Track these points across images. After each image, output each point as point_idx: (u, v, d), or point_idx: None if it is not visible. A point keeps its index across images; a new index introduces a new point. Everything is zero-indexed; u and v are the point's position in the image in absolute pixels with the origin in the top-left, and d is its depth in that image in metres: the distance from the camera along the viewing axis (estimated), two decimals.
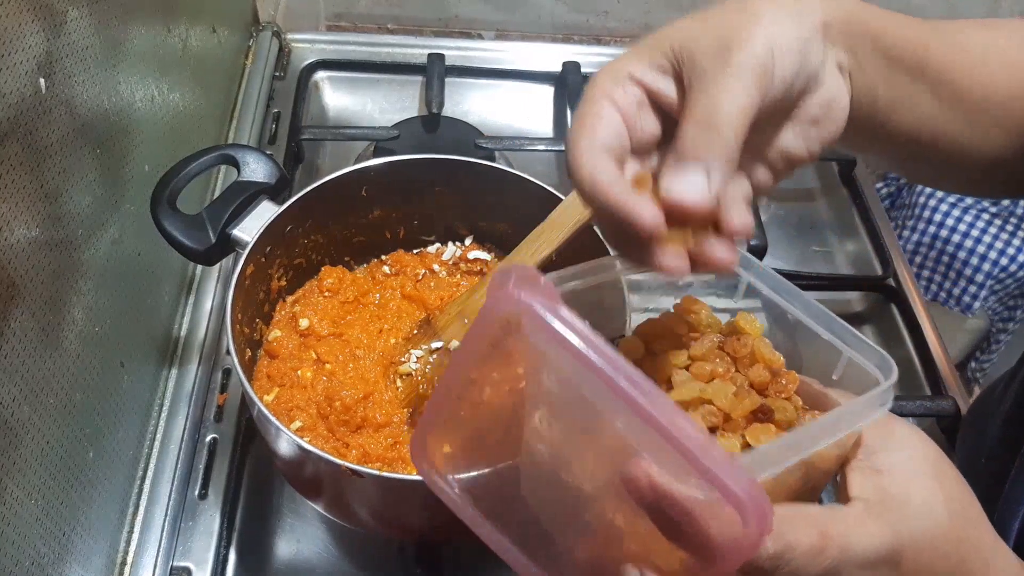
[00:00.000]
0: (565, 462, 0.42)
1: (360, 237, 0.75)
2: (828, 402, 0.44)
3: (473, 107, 1.10)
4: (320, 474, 0.59)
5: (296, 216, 0.69)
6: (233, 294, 0.62)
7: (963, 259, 1.53)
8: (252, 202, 0.68)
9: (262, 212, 0.67)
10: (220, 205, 0.67)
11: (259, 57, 1.08)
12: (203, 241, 0.65)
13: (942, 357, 0.87)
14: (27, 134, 0.51)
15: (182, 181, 0.68)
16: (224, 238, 0.66)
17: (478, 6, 1.39)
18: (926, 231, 1.56)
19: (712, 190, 0.39)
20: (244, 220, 0.67)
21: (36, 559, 0.53)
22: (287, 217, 0.68)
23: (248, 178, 0.69)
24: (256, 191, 0.68)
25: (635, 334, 0.47)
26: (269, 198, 0.69)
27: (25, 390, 0.51)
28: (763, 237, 0.90)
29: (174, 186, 0.67)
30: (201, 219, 0.66)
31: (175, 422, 0.75)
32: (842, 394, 0.44)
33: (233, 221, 0.66)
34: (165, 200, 0.66)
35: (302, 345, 0.70)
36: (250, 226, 0.66)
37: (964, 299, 1.55)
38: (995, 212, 1.54)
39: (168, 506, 0.70)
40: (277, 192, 0.69)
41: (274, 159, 0.70)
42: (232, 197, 0.67)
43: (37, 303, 0.53)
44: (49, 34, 0.54)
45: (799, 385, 0.44)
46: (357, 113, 1.10)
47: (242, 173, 0.69)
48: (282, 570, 0.69)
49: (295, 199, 0.68)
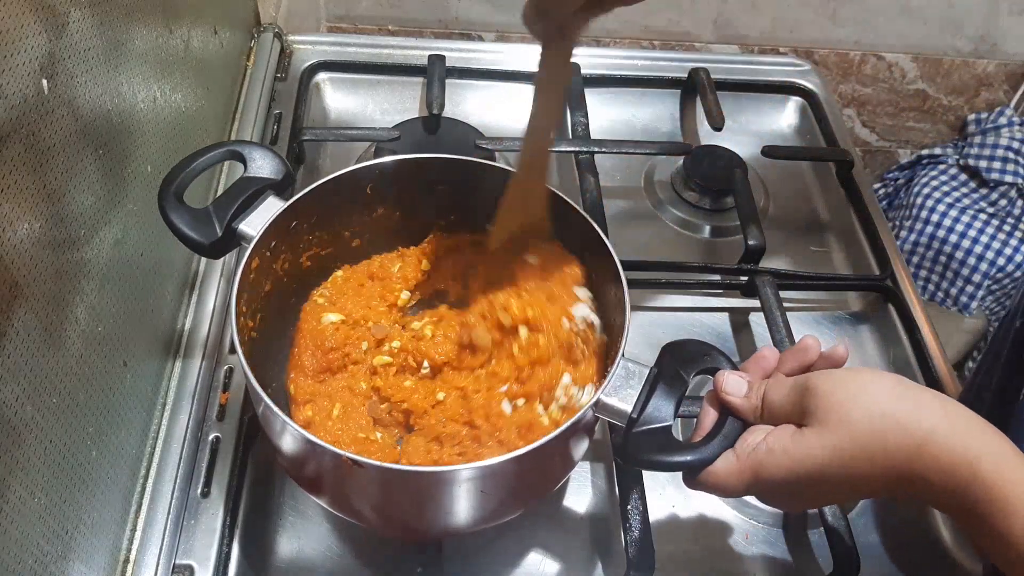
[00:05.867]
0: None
1: (362, 235, 0.75)
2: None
3: (473, 108, 1.10)
4: (323, 468, 0.60)
5: (302, 211, 0.69)
6: (238, 287, 0.62)
7: (960, 259, 1.53)
8: (258, 197, 0.68)
9: (268, 207, 0.67)
10: (226, 200, 0.67)
11: (260, 58, 1.09)
12: (209, 235, 0.66)
13: (939, 357, 0.87)
14: (29, 135, 0.51)
15: (189, 176, 0.68)
16: (230, 232, 0.66)
17: (479, 8, 1.40)
18: (924, 231, 1.56)
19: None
20: (250, 215, 0.67)
21: (39, 557, 0.54)
22: (292, 212, 0.68)
23: (254, 174, 0.69)
24: (262, 187, 0.68)
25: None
26: (275, 193, 0.69)
27: (28, 389, 0.52)
28: (761, 237, 0.91)
29: (181, 181, 0.67)
30: (207, 213, 0.66)
31: (178, 420, 0.75)
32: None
33: (239, 216, 0.67)
34: (172, 194, 0.66)
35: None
36: (256, 220, 0.66)
37: (961, 299, 1.56)
38: (992, 212, 1.55)
39: (171, 504, 0.70)
40: (283, 188, 0.70)
41: (280, 155, 0.71)
42: (238, 192, 0.67)
43: (40, 303, 0.53)
44: (51, 35, 0.54)
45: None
46: (358, 114, 1.11)
47: (248, 169, 0.69)
48: (284, 568, 0.70)
49: (302, 194, 0.68)
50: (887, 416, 0.50)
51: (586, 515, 0.75)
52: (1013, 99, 1.66)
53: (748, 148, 1.06)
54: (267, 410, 0.57)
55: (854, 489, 0.54)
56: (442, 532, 0.70)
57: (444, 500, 0.60)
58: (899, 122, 1.71)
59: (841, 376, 0.53)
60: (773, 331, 0.83)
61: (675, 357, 0.61)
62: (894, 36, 1.57)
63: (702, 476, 0.56)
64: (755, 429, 0.56)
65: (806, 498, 0.56)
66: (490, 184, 0.69)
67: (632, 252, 0.89)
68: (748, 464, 0.54)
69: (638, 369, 0.61)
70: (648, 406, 0.59)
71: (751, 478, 0.54)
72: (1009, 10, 1.54)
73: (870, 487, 0.53)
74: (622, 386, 0.60)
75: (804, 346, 0.59)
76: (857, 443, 0.50)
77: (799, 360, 0.59)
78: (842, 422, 0.51)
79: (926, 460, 0.49)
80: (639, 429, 0.58)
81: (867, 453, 0.50)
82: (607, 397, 0.59)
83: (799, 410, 0.53)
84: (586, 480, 0.77)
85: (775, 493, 0.56)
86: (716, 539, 0.75)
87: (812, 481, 0.52)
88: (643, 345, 0.82)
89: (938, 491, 0.49)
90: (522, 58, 1.14)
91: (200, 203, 0.67)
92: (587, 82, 1.09)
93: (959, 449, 0.48)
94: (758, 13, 1.43)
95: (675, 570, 0.72)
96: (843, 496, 0.61)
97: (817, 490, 0.54)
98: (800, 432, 0.53)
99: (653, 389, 0.60)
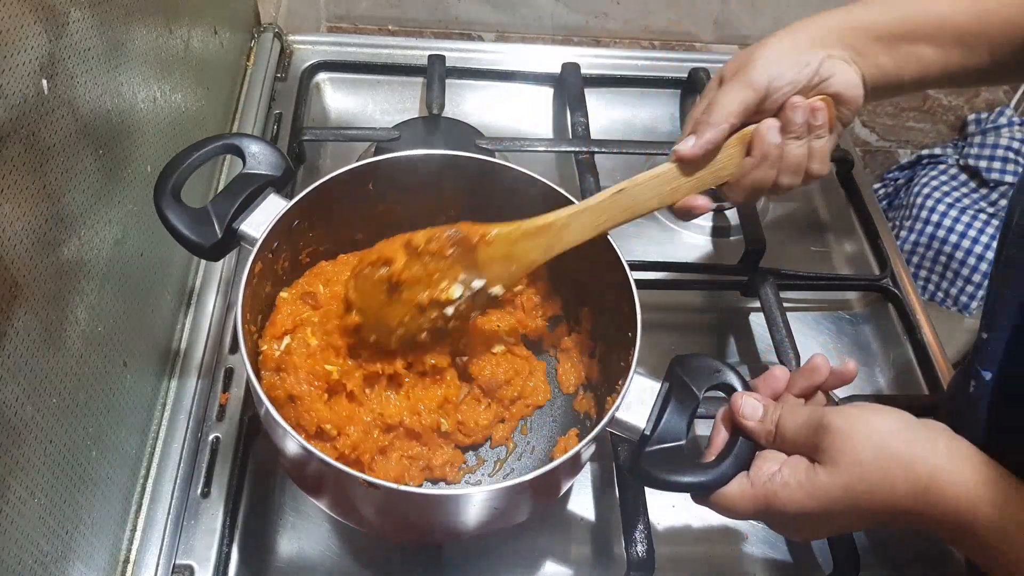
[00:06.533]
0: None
1: (362, 232, 0.74)
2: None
3: (473, 108, 1.10)
4: (331, 483, 0.59)
5: (304, 211, 0.67)
6: (243, 297, 0.60)
7: (960, 259, 1.53)
8: (258, 195, 0.65)
9: (269, 206, 0.65)
10: (226, 198, 0.64)
11: (260, 58, 1.09)
12: (209, 236, 0.63)
13: (939, 357, 0.88)
14: (29, 135, 0.51)
15: (186, 172, 0.65)
16: (230, 233, 0.64)
17: (478, 8, 1.40)
18: (924, 231, 1.56)
19: (698, 146, 0.65)
20: (251, 214, 0.64)
21: (39, 557, 0.54)
22: (295, 212, 0.66)
23: (253, 169, 0.66)
24: (262, 184, 0.66)
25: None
26: (275, 191, 0.66)
27: (28, 389, 0.52)
28: (761, 237, 0.91)
29: (178, 177, 0.64)
30: (206, 213, 0.63)
31: (178, 421, 0.75)
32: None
33: (240, 215, 0.64)
34: (169, 192, 0.63)
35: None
36: (258, 221, 0.64)
37: (961, 299, 1.56)
38: (992, 213, 1.55)
39: (171, 504, 0.70)
40: (283, 184, 0.67)
41: (279, 149, 0.68)
42: (238, 190, 0.65)
43: (40, 303, 0.53)
44: (51, 35, 0.54)
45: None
46: (358, 114, 1.11)
47: (247, 164, 0.67)
48: (284, 568, 0.70)
49: (305, 193, 0.66)
50: (895, 458, 0.52)
51: (587, 516, 0.75)
52: (1013, 99, 1.66)
53: None
54: (268, 415, 0.56)
55: (862, 523, 0.56)
56: (446, 538, 0.70)
57: (454, 515, 0.60)
58: (899, 122, 1.71)
59: (854, 416, 0.54)
60: (773, 331, 0.83)
61: (685, 371, 0.61)
62: None
63: (714, 497, 0.58)
64: (768, 456, 0.58)
65: (814, 529, 0.58)
66: (498, 182, 0.68)
67: (632, 252, 0.89)
68: (762, 492, 0.56)
69: (649, 384, 0.61)
70: (661, 423, 0.59)
71: (763, 506, 0.56)
72: None
73: (877, 521, 0.54)
74: (634, 401, 0.60)
75: (814, 366, 0.60)
76: (866, 482, 0.52)
77: (810, 381, 0.61)
78: (853, 463, 0.52)
79: (932, 501, 0.51)
80: (652, 448, 0.58)
81: (876, 493, 0.52)
82: (621, 413, 0.59)
83: (812, 443, 0.55)
84: (587, 481, 0.77)
85: (784, 523, 0.58)
86: (716, 539, 0.75)
87: (822, 515, 0.54)
88: (643, 346, 0.82)
89: (944, 530, 0.52)
90: (522, 58, 1.14)
91: (197, 202, 0.65)
92: (587, 82, 1.09)
93: (961, 492, 0.50)
94: (758, 13, 1.43)
95: (675, 570, 0.72)
96: (849, 528, 0.64)
97: (826, 523, 0.56)
98: (813, 468, 0.54)
99: (665, 405, 0.60)
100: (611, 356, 0.69)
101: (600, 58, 1.16)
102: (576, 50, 1.16)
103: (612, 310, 0.68)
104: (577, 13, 1.40)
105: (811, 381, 0.61)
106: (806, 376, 0.61)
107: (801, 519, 0.55)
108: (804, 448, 0.56)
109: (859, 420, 0.54)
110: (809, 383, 0.61)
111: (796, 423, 0.56)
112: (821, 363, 0.60)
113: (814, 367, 0.60)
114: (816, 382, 0.61)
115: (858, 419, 0.54)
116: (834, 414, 0.55)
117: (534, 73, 1.12)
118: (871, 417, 0.54)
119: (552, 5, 1.39)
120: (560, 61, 1.11)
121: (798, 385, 0.61)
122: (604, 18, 1.41)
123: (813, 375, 0.60)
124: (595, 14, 1.41)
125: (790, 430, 0.56)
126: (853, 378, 0.61)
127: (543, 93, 1.12)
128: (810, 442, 0.55)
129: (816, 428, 0.55)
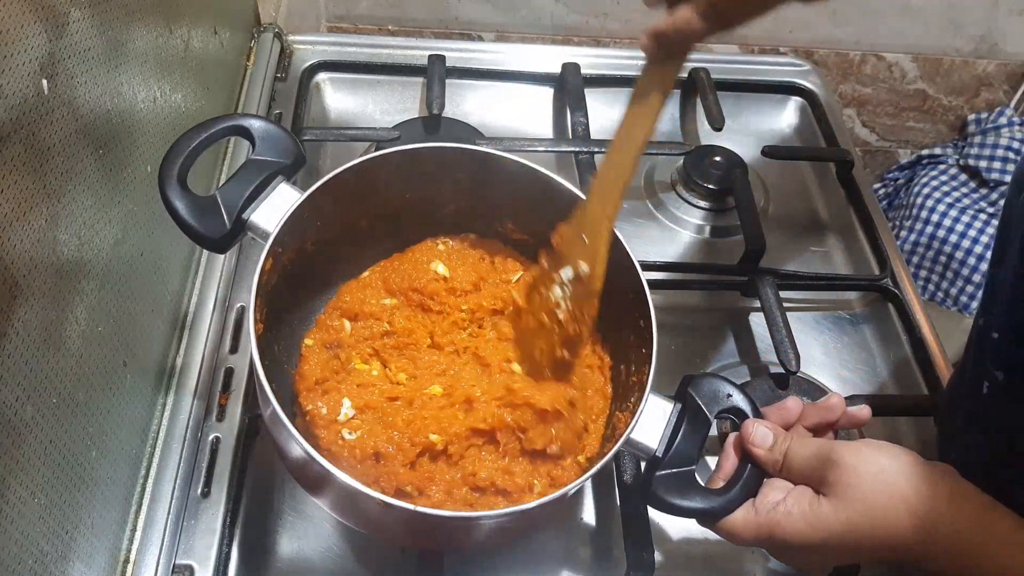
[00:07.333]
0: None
1: (366, 220, 0.72)
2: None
3: (473, 108, 1.10)
4: (332, 485, 0.57)
5: (316, 202, 0.63)
6: (255, 294, 0.57)
7: (960, 259, 1.53)
8: (268, 184, 0.61)
9: (281, 197, 0.61)
10: (235, 187, 0.60)
11: (260, 58, 1.09)
12: (217, 227, 0.59)
13: (939, 357, 0.88)
14: (29, 135, 0.51)
15: (192, 156, 0.60)
16: (239, 224, 0.59)
17: (478, 8, 1.40)
18: (923, 231, 1.56)
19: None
20: (261, 205, 0.61)
21: (39, 557, 0.54)
22: (306, 204, 0.62)
23: (263, 155, 0.62)
24: (272, 171, 0.61)
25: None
26: (286, 179, 0.62)
27: (28, 389, 0.52)
28: (761, 237, 0.91)
29: (184, 162, 0.60)
30: (214, 202, 0.59)
31: (178, 420, 0.75)
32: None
33: (249, 205, 0.60)
34: (175, 177, 0.59)
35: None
36: (268, 212, 0.60)
37: (961, 299, 1.56)
38: (992, 213, 1.55)
39: (171, 504, 0.70)
40: (292, 172, 0.64)
41: (290, 132, 0.64)
42: (248, 178, 0.60)
43: (40, 303, 0.53)
44: (51, 35, 0.54)
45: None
46: (358, 114, 1.11)
47: (256, 149, 0.62)
48: (284, 568, 0.70)
49: (318, 186, 0.62)
50: (902, 500, 0.52)
51: (587, 517, 0.75)
52: (1013, 99, 1.66)
53: (748, 148, 1.06)
54: (274, 414, 0.54)
55: (863, 558, 0.57)
56: (451, 549, 0.70)
57: (463, 534, 0.60)
58: (899, 122, 1.71)
59: (864, 454, 0.55)
60: (773, 331, 0.83)
61: (697, 393, 0.62)
62: (894, 36, 1.57)
63: (720, 523, 0.59)
64: (774, 484, 0.58)
65: (815, 560, 0.58)
66: (507, 178, 0.67)
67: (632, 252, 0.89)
68: (766, 521, 0.56)
69: (663, 404, 0.61)
70: (673, 446, 0.59)
71: (767, 534, 0.56)
72: (1009, 10, 1.54)
73: (878, 557, 0.55)
74: (647, 421, 0.60)
75: (829, 405, 0.62)
76: (871, 521, 0.53)
77: (823, 417, 0.62)
78: (858, 499, 0.53)
79: (938, 545, 0.52)
80: (664, 472, 0.59)
81: (878, 530, 0.53)
82: (636, 434, 0.59)
83: (819, 476, 0.56)
84: (587, 483, 0.77)
85: (786, 551, 0.58)
86: (716, 539, 0.75)
87: (824, 547, 0.55)
88: None
89: (947, 572, 0.52)
90: (522, 58, 1.14)
91: (195, 189, 0.62)
92: (587, 82, 1.09)
93: (965, 538, 0.51)
94: None
95: (675, 570, 0.72)
96: (851, 561, 0.64)
97: (827, 555, 0.56)
98: (818, 501, 0.55)
99: (679, 427, 0.60)
100: (619, 367, 0.68)
101: (600, 58, 1.16)
102: (576, 50, 1.16)
103: (625, 321, 0.66)
104: (577, 13, 1.40)
105: (824, 418, 0.62)
106: (820, 412, 0.62)
107: (803, 549, 0.56)
108: (811, 479, 0.56)
109: (868, 458, 0.54)
110: (822, 419, 0.62)
111: (805, 454, 0.57)
112: (837, 403, 0.62)
113: (830, 406, 0.62)
114: (829, 420, 0.62)
115: (867, 457, 0.54)
116: (844, 449, 0.55)
117: (534, 73, 1.12)
118: (880, 457, 0.55)
119: (552, 5, 1.39)
120: (560, 61, 1.11)
121: (810, 419, 0.62)
122: (604, 18, 1.41)
123: (827, 413, 0.62)
124: (595, 14, 1.41)
125: (798, 460, 0.57)
126: (865, 423, 0.63)
127: (543, 93, 1.12)
128: (817, 474, 0.56)
129: (825, 461, 0.55)
